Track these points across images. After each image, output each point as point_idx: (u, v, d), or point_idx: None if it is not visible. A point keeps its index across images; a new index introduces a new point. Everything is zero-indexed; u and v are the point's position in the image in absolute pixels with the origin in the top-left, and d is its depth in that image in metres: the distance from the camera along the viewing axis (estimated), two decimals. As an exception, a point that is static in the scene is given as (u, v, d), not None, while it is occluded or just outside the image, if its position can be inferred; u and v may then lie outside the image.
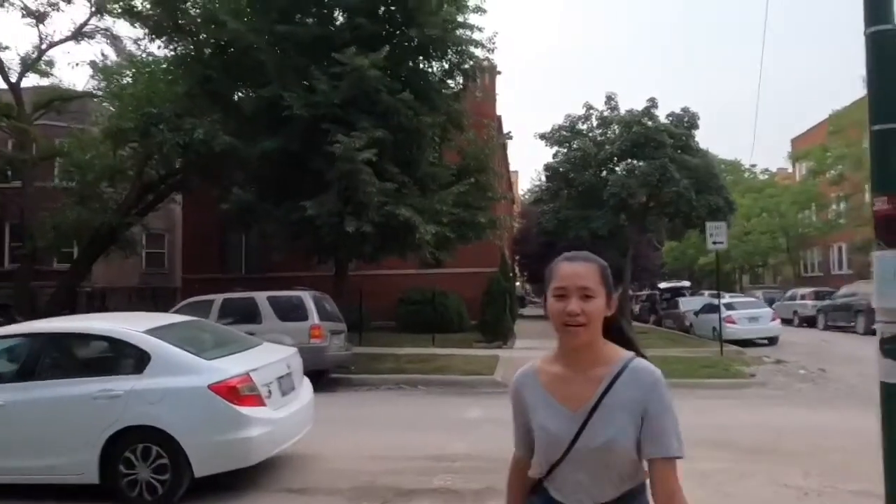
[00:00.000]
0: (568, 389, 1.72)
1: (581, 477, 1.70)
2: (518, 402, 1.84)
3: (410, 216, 12.02)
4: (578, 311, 1.66)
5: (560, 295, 1.70)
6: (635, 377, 1.69)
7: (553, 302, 1.71)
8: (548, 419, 1.72)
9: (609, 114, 24.10)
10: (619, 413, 1.66)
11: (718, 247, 15.43)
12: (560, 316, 1.68)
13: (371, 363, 13.78)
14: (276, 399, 5.62)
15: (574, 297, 1.68)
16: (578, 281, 1.69)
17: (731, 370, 12.62)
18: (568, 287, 1.69)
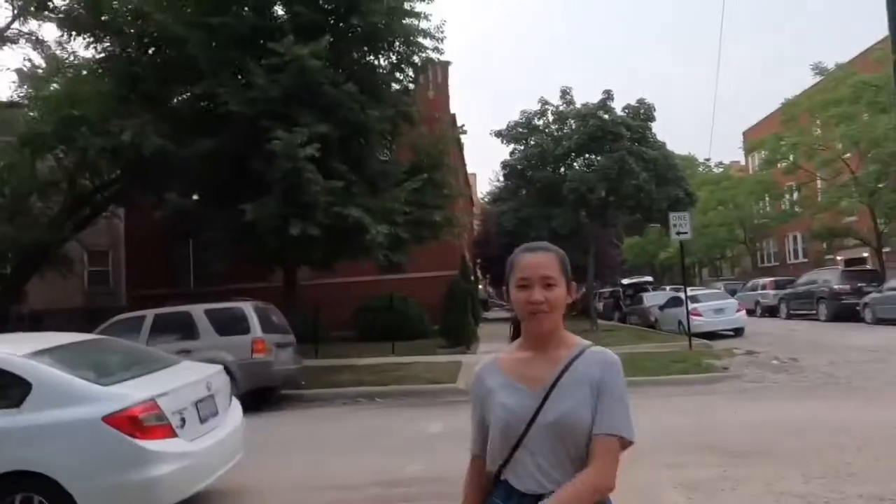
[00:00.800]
0: (528, 370, 1.77)
1: (539, 461, 1.70)
2: (478, 390, 1.87)
3: (360, 216, 11.18)
4: (542, 299, 1.72)
5: (523, 285, 1.74)
6: (594, 358, 1.77)
7: (516, 292, 1.76)
8: (507, 397, 1.76)
9: (565, 108, 23.62)
10: (576, 388, 1.71)
11: (683, 237, 14.98)
12: (524, 305, 1.74)
13: (326, 376, 12.85)
14: (191, 428, 4.72)
15: (537, 287, 1.73)
16: (540, 270, 1.74)
17: (702, 364, 12.09)
18: (530, 277, 1.74)
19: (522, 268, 1.76)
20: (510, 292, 1.79)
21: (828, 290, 22.39)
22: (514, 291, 1.76)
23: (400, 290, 22.04)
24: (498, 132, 24.44)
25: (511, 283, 1.77)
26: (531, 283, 1.73)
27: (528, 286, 1.73)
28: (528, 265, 1.75)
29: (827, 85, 26.18)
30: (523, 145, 23.94)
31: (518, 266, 1.77)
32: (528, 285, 1.73)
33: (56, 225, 18.07)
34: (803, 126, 26.12)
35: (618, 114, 21.90)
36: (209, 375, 5.28)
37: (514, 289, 1.76)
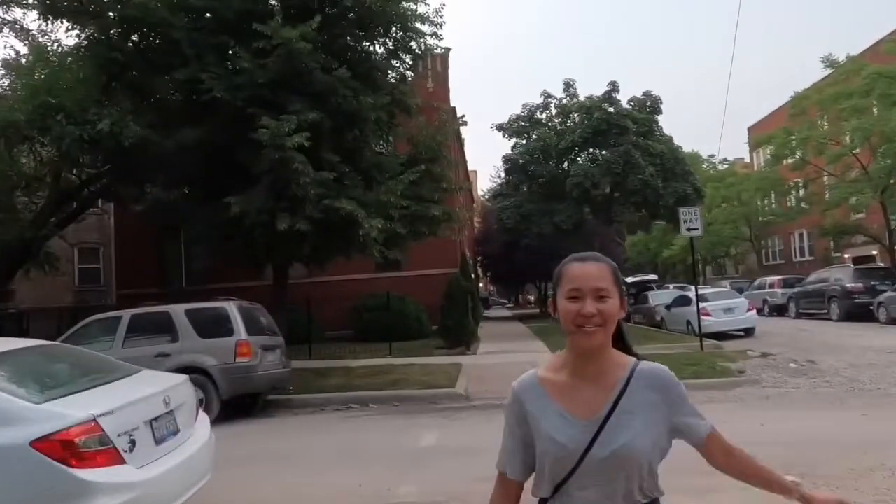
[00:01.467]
0: (578, 397, 1.64)
1: (590, 494, 1.60)
2: (518, 414, 1.70)
3: (353, 210, 10.47)
4: (594, 311, 1.60)
5: (574, 297, 1.63)
6: (648, 379, 1.67)
7: (566, 303, 1.63)
8: (556, 430, 1.62)
9: (568, 101, 22.94)
10: (633, 417, 1.60)
11: (694, 234, 14.28)
12: (574, 317, 1.60)
13: (317, 380, 12.17)
14: (143, 451, 4.02)
15: (589, 299, 1.61)
16: (593, 282, 1.63)
17: (717, 368, 11.40)
18: (582, 288, 1.63)
19: (573, 278, 1.65)
20: (557, 304, 1.67)
21: (840, 288, 21.68)
22: (562, 303, 1.64)
23: (398, 288, 21.37)
24: (499, 126, 23.80)
25: (559, 294, 1.67)
26: (583, 294, 1.62)
27: (579, 298, 1.62)
28: (579, 275, 1.65)
29: (837, 78, 25.46)
30: (525, 139, 23.28)
31: (568, 276, 1.67)
32: (580, 297, 1.62)
33: (39, 220, 17.39)
34: (813, 120, 25.40)
35: (623, 106, 21.20)
36: (168, 388, 4.57)
37: (564, 300, 1.64)
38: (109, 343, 9.26)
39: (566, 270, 1.68)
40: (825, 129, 25.34)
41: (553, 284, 1.72)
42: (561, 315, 1.65)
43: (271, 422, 9.47)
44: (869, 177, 23.35)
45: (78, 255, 28.75)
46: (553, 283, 1.71)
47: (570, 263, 1.70)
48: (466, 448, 6.39)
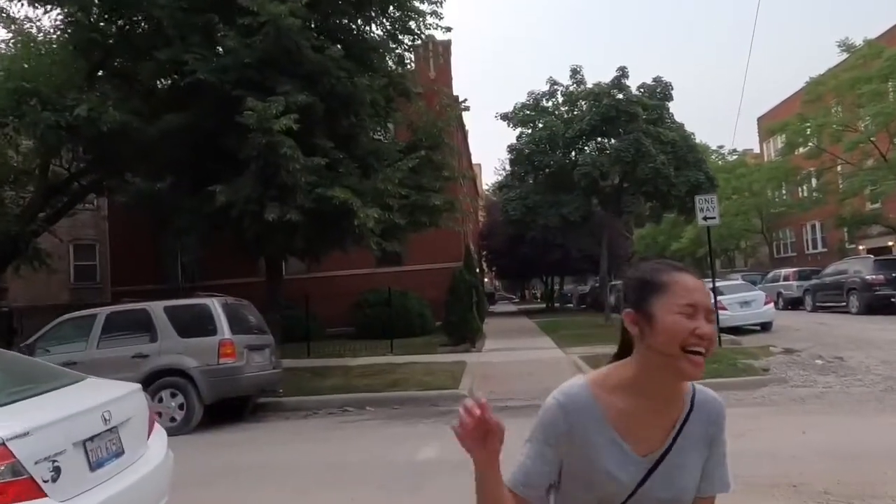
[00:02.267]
0: (639, 429, 1.40)
1: None
2: (562, 433, 1.40)
3: (347, 198, 9.73)
4: (712, 334, 1.34)
5: (689, 313, 1.34)
6: (705, 411, 1.47)
7: (679, 319, 1.33)
8: (616, 464, 1.39)
9: (575, 89, 22.09)
10: (689, 455, 1.43)
11: (711, 223, 13.48)
12: (688, 337, 1.32)
13: (313, 381, 11.45)
14: (72, 480, 3.29)
15: (702, 318, 1.35)
16: (707, 299, 1.37)
17: (738, 365, 10.60)
18: (698, 305, 1.35)
19: (688, 290, 1.36)
20: (653, 317, 1.35)
21: (859, 280, 20.83)
22: (671, 318, 1.33)
23: (400, 283, 20.66)
24: (504, 115, 22.96)
25: (660, 305, 1.36)
26: (697, 312, 1.34)
27: (693, 315, 1.34)
28: (694, 288, 1.37)
29: (854, 62, 24.56)
30: (531, 129, 22.46)
31: (681, 287, 1.37)
32: (694, 314, 1.34)
33: (26, 215, 16.70)
34: (829, 106, 24.51)
35: (633, 93, 20.37)
36: (110, 400, 3.83)
37: (673, 315, 1.34)
38: (83, 344, 8.58)
39: (677, 279, 1.39)
40: (841, 115, 24.44)
41: (638, 290, 1.41)
42: (665, 333, 1.34)
43: (258, 428, 8.75)
44: (889, 164, 22.48)
45: (73, 251, 28.16)
46: (638, 289, 1.41)
47: (677, 272, 1.41)
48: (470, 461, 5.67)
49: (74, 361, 8.17)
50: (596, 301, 37.79)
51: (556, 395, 1.44)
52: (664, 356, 1.34)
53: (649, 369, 1.38)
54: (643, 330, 1.38)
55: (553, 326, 21.62)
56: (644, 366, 1.38)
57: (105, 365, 8.09)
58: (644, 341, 1.38)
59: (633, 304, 1.41)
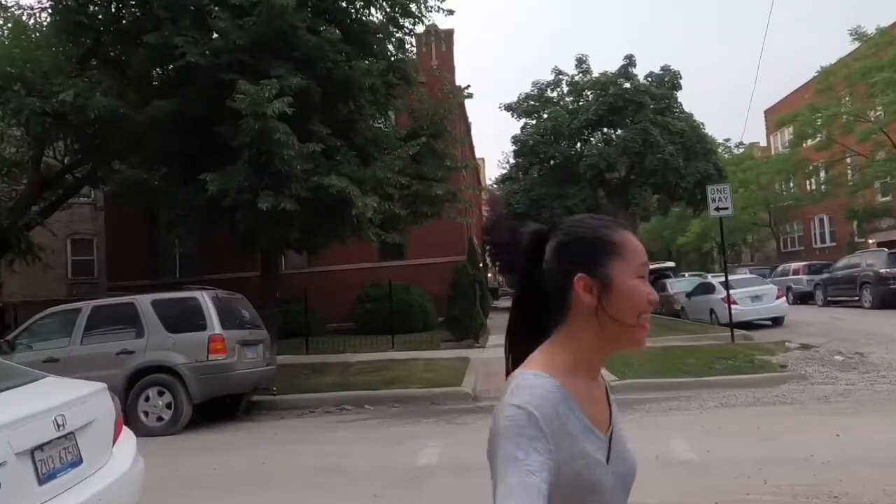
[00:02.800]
0: (594, 409, 1.20)
1: None
2: (551, 437, 1.10)
3: (344, 187, 9.26)
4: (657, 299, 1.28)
5: (643, 275, 1.18)
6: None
7: (638, 284, 1.16)
8: (597, 452, 1.17)
9: (581, 78, 21.58)
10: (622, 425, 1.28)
11: (723, 214, 12.99)
12: (646, 304, 1.16)
13: (311, 378, 11.02)
14: (15, 495, 2.85)
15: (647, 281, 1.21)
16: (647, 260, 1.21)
17: (755, 361, 10.13)
18: (647, 266, 1.20)
19: (638, 251, 1.17)
20: (615, 281, 1.14)
21: (873, 274, 20.29)
22: (631, 282, 1.15)
23: (402, 277, 20.22)
24: (508, 105, 22.50)
25: (618, 269, 1.15)
26: (646, 275, 1.18)
27: (645, 278, 1.18)
28: (642, 249, 1.19)
29: (866, 51, 23.97)
30: (535, 119, 21.98)
31: (633, 246, 1.17)
32: (645, 276, 1.18)
33: (18, 208, 16.28)
34: (840, 96, 23.93)
35: (641, 82, 19.85)
36: (66, 402, 3.38)
37: (633, 279, 1.15)
38: (66, 339, 8.15)
39: (627, 238, 1.18)
40: (853, 105, 23.87)
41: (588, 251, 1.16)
42: (627, 300, 1.14)
43: (251, 428, 8.32)
44: (902, 155, 21.96)
45: (71, 246, 27.76)
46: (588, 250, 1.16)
47: (622, 230, 1.19)
48: (474, 466, 5.22)
49: (56, 358, 7.77)
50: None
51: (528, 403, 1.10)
52: (622, 326, 1.16)
53: (599, 341, 1.17)
54: (601, 298, 1.16)
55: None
56: (593, 338, 1.17)
57: (88, 361, 7.69)
58: (600, 310, 1.16)
59: (587, 267, 1.16)
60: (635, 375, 9.59)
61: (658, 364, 10.30)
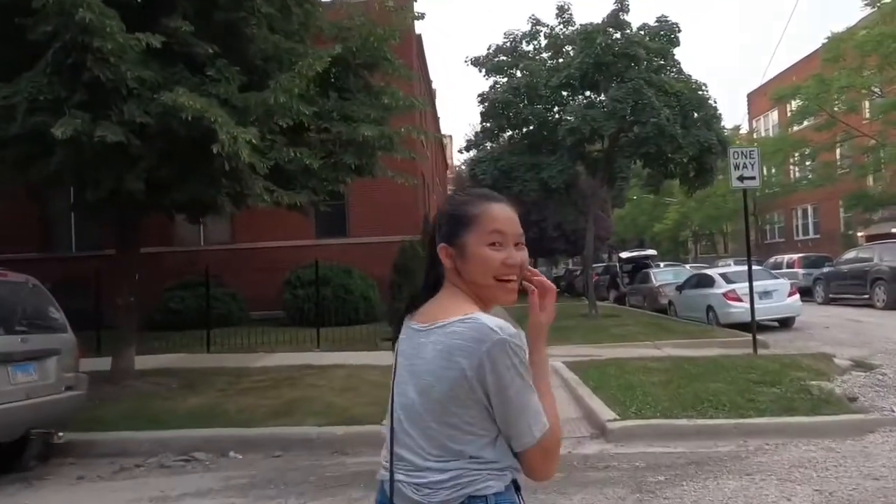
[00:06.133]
0: None
1: None
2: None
3: (202, 109, 5.82)
4: (522, 261, 1.45)
5: (496, 242, 1.42)
6: None
7: (487, 251, 1.42)
8: None
9: (561, 31, 18.27)
10: None
11: (749, 185, 9.90)
12: (498, 267, 1.42)
13: (170, 399, 7.59)
14: None
15: (512, 246, 1.44)
16: (516, 227, 1.46)
17: (812, 391, 6.99)
18: (507, 233, 1.43)
19: (495, 220, 1.43)
20: (465, 249, 1.42)
21: (888, 269, 17.61)
22: (481, 249, 1.41)
23: (344, 257, 16.85)
24: (475, 60, 19.06)
25: (470, 238, 1.43)
26: (506, 240, 1.43)
27: (502, 244, 1.42)
28: (502, 217, 1.44)
29: (880, 17, 21.23)
30: (507, 77, 18.64)
31: (489, 216, 1.43)
32: (503, 243, 1.42)
33: None
34: (852, 67, 21.12)
35: (634, 32, 16.65)
36: None
37: (483, 246, 1.41)
38: None
39: (485, 209, 1.44)
40: (865, 74, 21.09)
41: (450, 225, 1.46)
42: (476, 264, 1.42)
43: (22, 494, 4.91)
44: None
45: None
46: (450, 225, 1.46)
47: (487, 202, 1.46)
48: None
49: None
50: (571, 285, 34.38)
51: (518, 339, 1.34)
52: (479, 286, 1.43)
53: (471, 296, 1.43)
54: (457, 263, 1.43)
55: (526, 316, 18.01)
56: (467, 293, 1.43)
57: None
58: (459, 274, 1.43)
59: (446, 238, 1.45)
60: (641, 411, 6.43)
61: (671, 390, 7.16)
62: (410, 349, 1.43)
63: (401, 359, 1.47)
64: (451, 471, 1.31)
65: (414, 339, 1.43)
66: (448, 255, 1.43)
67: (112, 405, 7.14)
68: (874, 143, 21.54)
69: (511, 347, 1.30)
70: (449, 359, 1.32)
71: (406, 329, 1.48)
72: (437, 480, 1.31)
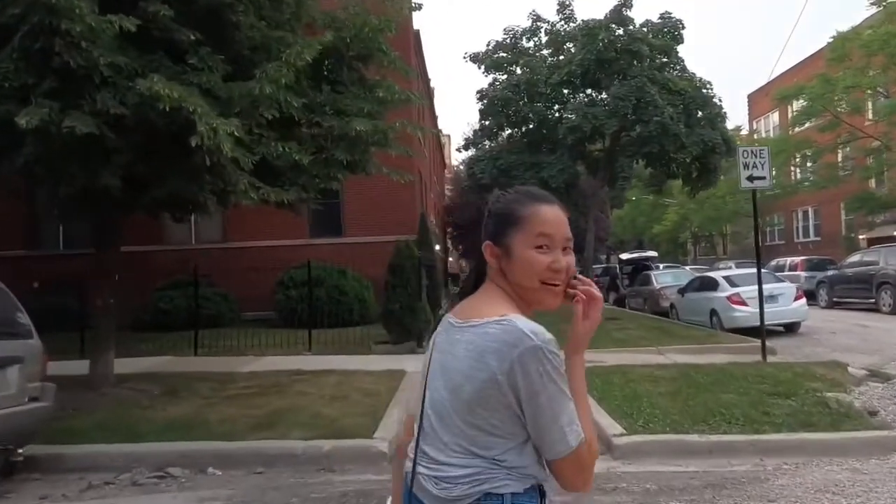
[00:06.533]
0: None
1: None
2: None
3: (180, 97, 5.40)
4: (569, 265, 1.40)
5: (543, 245, 1.37)
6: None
7: (533, 253, 1.37)
8: None
9: (563, 27, 17.87)
10: None
11: (759, 185, 9.52)
12: (543, 272, 1.37)
13: (150, 408, 7.17)
14: None
15: (558, 250, 1.38)
16: (565, 230, 1.40)
17: (829, 404, 6.59)
18: (555, 236, 1.38)
19: (544, 223, 1.37)
20: (511, 251, 1.38)
21: (895, 273, 17.24)
22: (527, 252, 1.37)
23: (339, 258, 16.43)
24: (474, 56, 18.67)
25: (517, 239, 1.38)
26: (554, 244, 1.38)
27: (549, 247, 1.37)
28: (552, 220, 1.38)
29: (888, 17, 20.86)
30: (507, 74, 18.25)
31: (538, 219, 1.37)
32: (550, 246, 1.37)
33: None
34: (858, 66, 20.75)
35: (637, 28, 16.25)
36: None
37: (529, 249, 1.37)
38: None
39: (534, 212, 1.38)
40: (871, 74, 20.73)
41: (497, 223, 1.41)
42: (523, 268, 1.38)
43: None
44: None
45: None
46: (497, 223, 1.41)
47: (537, 203, 1.40)
48: None
49: None
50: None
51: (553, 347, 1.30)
52: (523, 288, 1.39)
53: (515, 298, 1.39)
54: (502, 263, 1.40)
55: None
56: (510, 295, 1.40)
57: None
58: (504, 274, 1.40)
59: (492, 237, 1.42)
60: (649, 425, 6.02)
61: (680, 402, 6.75)
62: (446, 344, 1.40)
63: (436, 353, 1.43)
64: (472, 468, 1.30)
65: (450, 335, 1.40)
66: (493, 255, 1.41)
67: (87, 415, 6.70)
68: (878, 145, 21.16)
69: (545, 353, 1.27)
70: (480, 360, 1.29)
71: (444, 322, 1.46)
72: (456, 476, 1.29)
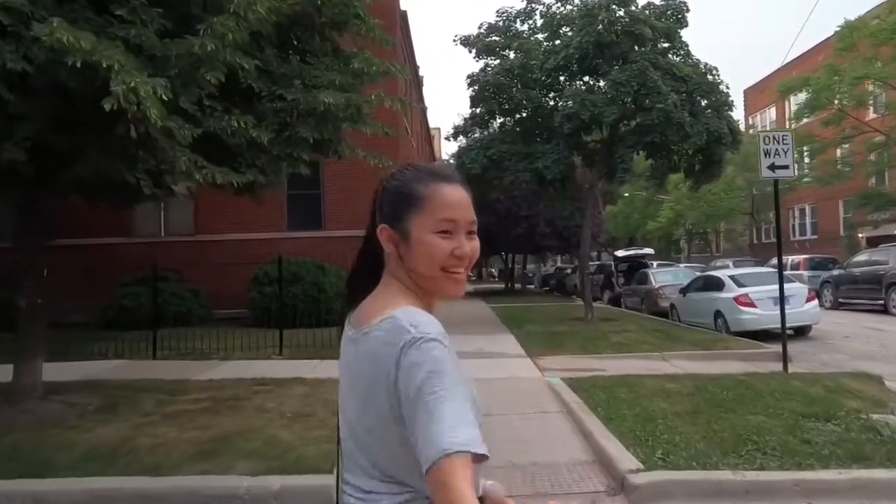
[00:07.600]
0: None
1: None
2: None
3: (94, 49, 4.29)
4: (472, 252, 1.23)
5: (447, 230, 1.21)
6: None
7: (435, 239, 1.20)
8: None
9: (559, 9, 16.79)
10: None
11: (781, 174, 8.54)
12: (446, 258, 1.21)
13: (74, 431, 6.05)
14: None
15: (462, 234, 1.22)
16: (469, 213, 1.24)
17: (881, 431, 5.58)
18: (459, 221, 1.22)
19: (448, 205, 1.21)
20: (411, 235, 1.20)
21: (906, 273, 16.41)
22: (428, 237, 1.20)
23: (318, 252, 15.31)
24: (465, 39, 17.57)
25: (417, 223, 1.20)
26: (457, 228, 1.21)
27: (451, 232, 1.21)
28: (454, 202, 1.22)
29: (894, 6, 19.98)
30: (499, 60, 17.18)
31: (440, 201, 1.21)
32: (452, 231, 1.21)
33: None
34: (864, 55, 19.84)
35: (639, 10, 15.21)
36: None
37: (430, 234, 1.20)
38: None
39: (436, 190, 1.21)
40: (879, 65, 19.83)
41: (394, 204, 1.23)
42: (421, 253, 1.20)
43: None
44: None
45: None
46: (394, 204, 1.23)
47: (438, 183, 1.22)
48: None
49: None
50: (561, 284, 33.05)
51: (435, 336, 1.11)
52: (422, 277, 1.22)
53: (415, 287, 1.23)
54: (399, 249, 1.23)
55: (517, 317, 16.63)
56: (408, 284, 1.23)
57: None
58: (401, 261, 1.23)
59: (389, 219, 1.23)
60: (670, 456, 4.98)
61: (702, 425, 5.72)
62: (351, 357, 1.22)
63: (342, 369, 1.26)
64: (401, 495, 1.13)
65: (353, 346, 1.21)
66: (390, 240, 1.23)
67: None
68: (883, 140, 20.29)
69: (424, 344, 1.09)
70: (377, 370, 1.13)
71: (344, 334, 1.28)
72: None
